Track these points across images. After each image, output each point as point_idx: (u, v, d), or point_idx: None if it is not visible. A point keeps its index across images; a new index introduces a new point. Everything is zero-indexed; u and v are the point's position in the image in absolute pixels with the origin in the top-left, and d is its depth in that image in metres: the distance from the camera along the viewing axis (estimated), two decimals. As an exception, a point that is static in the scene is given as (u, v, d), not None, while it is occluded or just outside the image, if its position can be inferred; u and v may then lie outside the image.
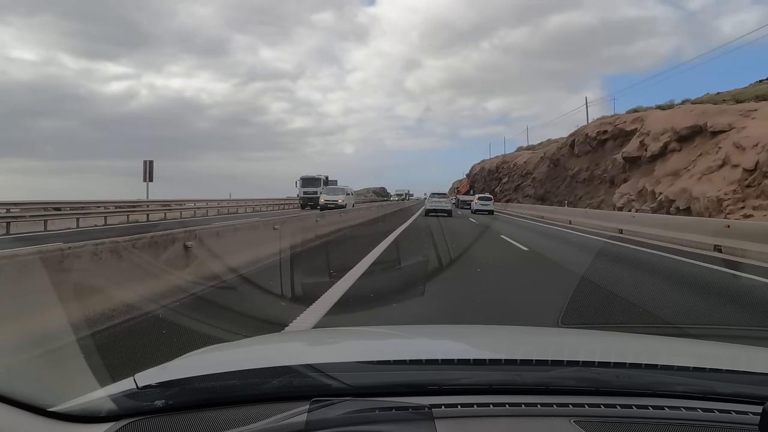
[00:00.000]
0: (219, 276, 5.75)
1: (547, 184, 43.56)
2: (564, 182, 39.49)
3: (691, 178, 20.97)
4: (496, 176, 68.31)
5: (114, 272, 4.15)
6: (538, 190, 45.96)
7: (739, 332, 4.48)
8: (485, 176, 76.24)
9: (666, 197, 21.45)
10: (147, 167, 23.83)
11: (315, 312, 4.56)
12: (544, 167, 46.50)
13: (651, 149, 25.26)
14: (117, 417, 1.03)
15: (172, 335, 3.70)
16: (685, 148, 23.38)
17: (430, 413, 1.01)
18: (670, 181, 22.42)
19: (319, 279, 6.19)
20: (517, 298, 5.90)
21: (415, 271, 7.47)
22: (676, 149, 23.89)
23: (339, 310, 4.75)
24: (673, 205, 20.94)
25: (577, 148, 37.31)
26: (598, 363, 1.29)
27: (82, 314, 3.56)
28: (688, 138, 23.39)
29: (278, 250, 7.74)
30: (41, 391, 1.19)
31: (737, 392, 1.14)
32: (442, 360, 1.36)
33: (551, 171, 43.82)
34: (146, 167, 23.82)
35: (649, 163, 25.48)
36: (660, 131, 25.18)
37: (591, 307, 5.14)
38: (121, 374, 1.20)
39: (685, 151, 23.29)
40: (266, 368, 1.21)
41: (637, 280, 7.35)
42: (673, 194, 21.14)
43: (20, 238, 12.08)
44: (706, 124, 22.21)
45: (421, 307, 5.02)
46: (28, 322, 3.12)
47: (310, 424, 0.96)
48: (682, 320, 4.86)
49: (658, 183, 23.20)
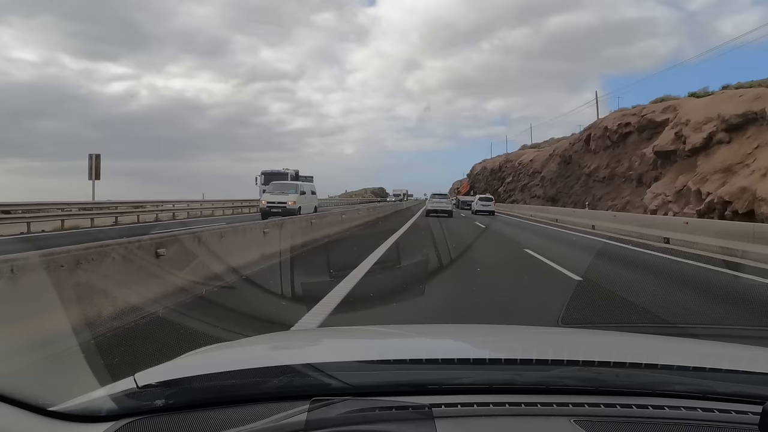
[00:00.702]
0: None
1: (559, 183, 40.09)
2: (578, 181, 36.03)
3: (751, 174, 17.13)
4: (499, 176, 66.69)
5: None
6: (548, 190, 42.52)
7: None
8: (487, 176, 73.85)
9: (719, 198, 17.59)
10: (92, 163, 19.80)
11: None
12: (554, 165, 43.06)
13: (691, 141, 21.75)
14: (117, 416, 1.08)
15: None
16: (737, 139, 19.89)
17: (430, 413, 1.04)
18: (721, 178, 18.80)
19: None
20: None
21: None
22: (724, 141, 20.40)
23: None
24: (729, 208, 16.92)
25: (594, 143, 33.84)
26: (598, 362, 1.34)
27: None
28: (740, 127, 20.15)
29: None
30: (41, 390, 1.19)
31: (737, 392, 1.19)
32: (442, 359, 1.41)
33: (562, 169, 40.45)
34: (92, 163, 19.92)
35: (688, 157, 22.00)
36: (702, 120, 21.61)
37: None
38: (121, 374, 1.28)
39: (736, 143, 19.75)
40: (266, 368, 1.26)
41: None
42: (728, 195, 17.54)
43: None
44: (765, 111, 18.08)
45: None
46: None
47: (310, 423, 0.99)
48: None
49: (704, 181, 19.55)
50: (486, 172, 75.28)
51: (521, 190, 54.11)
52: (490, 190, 62.18)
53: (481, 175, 78.09)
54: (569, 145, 41.79)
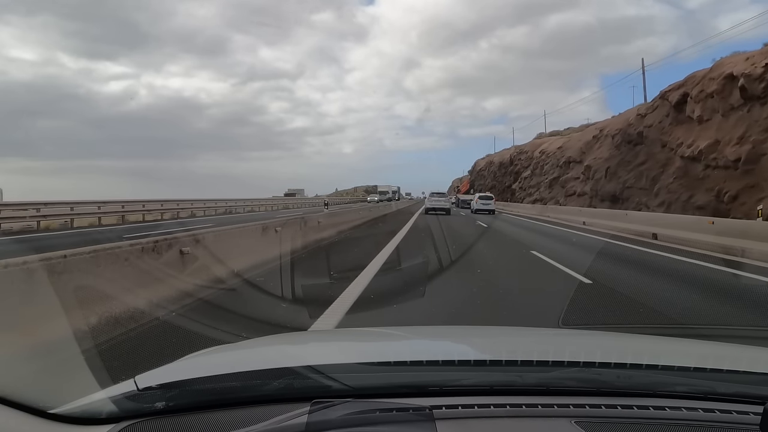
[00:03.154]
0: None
1: (622, 174, 25.85)
2: (663, 169, 21.81)
3: None
4: (512, 170, 55.79)
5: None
6: (604, 186, 28.22)
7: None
8: (494, 171, 64.91)
9: None
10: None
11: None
12: (605, 150, 29.04)
13: None
14: (117, 419, 1.08)
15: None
16: None
17: (431, 414, 1.05)
18: None
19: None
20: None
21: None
22: None
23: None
24: None
25: (694, 107, 19.44)
26: (599, 363, 1.35)
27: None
28: None
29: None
30: (42, 392, 1.20)
31: (738, 392, 1.20)
32: (442, 361, 1.42)
33: (626, 153, 26.30)
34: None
35: None
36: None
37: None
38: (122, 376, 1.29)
39: None
40: (267, 370, 1.26)
41: None
42: None
43: None
44: None
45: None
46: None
47: (310, 425, 1.00)
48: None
49: None
50: (493, 167, 66.44)
51: (550, 187, 40.76)
52: (500, 187, 56.73)
53: (486, 171, 69.94)
54: (637, 117, 27.89)
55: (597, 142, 33.52)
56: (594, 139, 34.31)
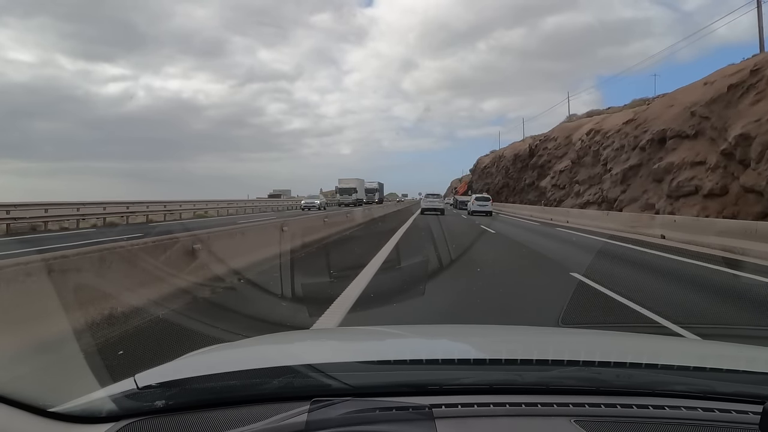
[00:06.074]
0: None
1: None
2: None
3: None
4: (534, 163, 42.99)
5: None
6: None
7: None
8: (506, 166, 52.69)
9: None
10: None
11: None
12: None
13: None
14: (117, 417, 1.07)
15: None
16: None
17: (431, 413, 1.05)
18: None
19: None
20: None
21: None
22: None
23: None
24: None
25: None
26: (598, 363, 1.35)
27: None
28: None
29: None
30: (42, 391, 1.19)
31: (738, 392, 1.20)
32: (442, 360, 1.41)
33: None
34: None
35: None
36: None
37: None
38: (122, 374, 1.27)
39: None
40: (266, 368, 1.25)
41: None
42: None
43: None
44: None
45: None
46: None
47: (310, 424, 0.99)
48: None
49: None
50: (504, 162, 53.38)
51: (623, 181, 25.55)
52: (516, 186, 46.34)
53: (493, 168, 58.93)
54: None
55: (747, 92, 17.26)
56: (739, 88, 17.73)
